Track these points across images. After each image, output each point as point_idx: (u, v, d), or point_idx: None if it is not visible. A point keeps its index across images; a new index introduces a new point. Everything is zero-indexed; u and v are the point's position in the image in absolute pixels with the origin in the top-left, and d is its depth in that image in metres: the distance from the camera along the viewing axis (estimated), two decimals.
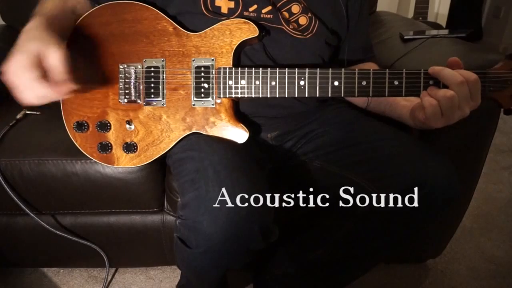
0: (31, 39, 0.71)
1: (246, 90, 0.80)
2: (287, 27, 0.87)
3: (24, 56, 0.68)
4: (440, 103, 0.72)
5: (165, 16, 0.85)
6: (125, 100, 0.85)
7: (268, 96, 0.80)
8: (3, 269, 1.24)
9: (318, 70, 0.78)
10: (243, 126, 0.82)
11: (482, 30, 3.34)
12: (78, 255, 1.13)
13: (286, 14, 0.87)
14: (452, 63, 0.75)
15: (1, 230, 1.06)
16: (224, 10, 0.86)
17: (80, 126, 0.86)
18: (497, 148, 1.98)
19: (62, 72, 0.70)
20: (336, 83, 0.78)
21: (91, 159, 0.93)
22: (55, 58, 0.69)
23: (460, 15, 3.03)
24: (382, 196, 0.78)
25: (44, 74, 0.69)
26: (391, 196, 0.77)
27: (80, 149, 0.88)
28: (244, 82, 0.80)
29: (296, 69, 0.78)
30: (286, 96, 0.79)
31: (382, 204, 0.78)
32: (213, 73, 0.82)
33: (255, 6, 0.86)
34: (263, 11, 0.86)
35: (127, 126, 0.85)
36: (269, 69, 0.79)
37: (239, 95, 0.81)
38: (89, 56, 0.85)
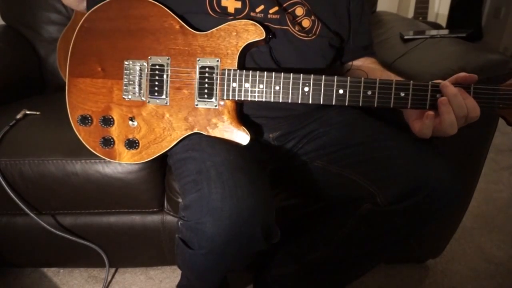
0: None
1: (249, 93, 0.80)
2: (292, 28, 0.87)
3: None
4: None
5: (172, 14, 0.84)
6: (129, 97, 0.85)
7: (272, 100, 0.79)
8: (3, 269, 1.24)
9: (323, 77, 0.77)
10: (245, 129, 0.82)
11: (482, 30, 3.34)
12: (78, 255, 1.13)
13: (290, 17, 0.87)
14: (463, 79, 0.73)
15: (1, 230, 1.06)
16: (231, 10, 0.85)
17: (84, 120, 0.86)
18: (497, 148, 1.98)
19: None
20: (341, 91, 0.77)
21: (91, 159, 0.94)
22: None
23: (460, 15, 3.03)
24: (383, 196, 0.78)
25: None
26: (392, 196, 0.77)
27: (84, 142, 0.87)
28: (248, 85, 0.80)
29: (301, 74, 0.77)
30: (290, 101, 0.79)
31: (383, 205, 0.78)
32: (218, 74, 0.82)
33: (262, 7, 0.85)
34: (270, 11, 0.85)
35: (130, 122, 0.85)
36: (273, 73, 0.78)
37: (242, 98, 0.80)
38: (95, 51, 0.85)
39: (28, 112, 1.09)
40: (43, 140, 1.00)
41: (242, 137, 0.82)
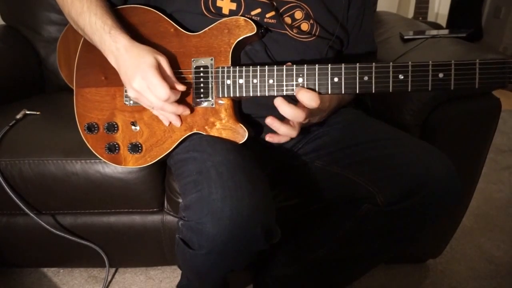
0: (141, 55, 0.77)
1: (244, 89, 0.79)
2: (290, 32, 0.87)
3: (152, 70, 0.75)
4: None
5: (166, 18, 0.86)
6: (131, 102, 0.86)
7: (266, 94, 0.78)
8: (3, 269, 1.24)
9: (316, 66, 0.75)
10: (243, 126, 0.82)
11: (482, 30, 3.34)
12: (78, 255, 1.13)
13: (289, 20, 0.87)
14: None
15: (1, 230, 1.06)
16: (225, 11, 0.86)
17: (91, 128, 0.88)
18: (497, 148, 1.98)
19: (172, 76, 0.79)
20: (336, 79, 0.75)
21: (91, 159, 0.94)
22: (168, 65, 0.78)
23: (460, 15, 3.02)
24: (383, 196, 0.78)
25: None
26: (392, 196, 0.77)
27: (92, 150, 0.89)
28: (242, 81, 0.79)
29: (294, 66, 0.76)
30: (284, 94, 0.77)
31: (383, 205, 0.78)
32: (212, 72, 0.82)
33: (258, 10, 0.85)
34: (267, 15, 0.85)
35: (133, 127, 0.86)
36: (266, 67, 0.77)
37: (237, 94, 0.80)
38: (98, 61, 0.86)
39: (28, 112, 1.09)
40: (43, 140, 1.00)
41: (240, 134, 0.82)
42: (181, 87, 0.79)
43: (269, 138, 0.79)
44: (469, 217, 1.48)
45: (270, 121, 0.76)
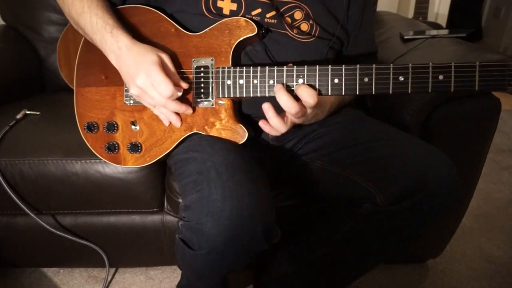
0: (143, 53, 0.77)
1: (244, 90, 0.79)
2: (291, 32, 0.87)
3: (156, 67, 0.75)
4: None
5: (167, 18, 0.86)
6: (131, 102, 0.86)
7: (266, 95, 0.78)
8: (3, 269, 1.24)
9: (317, 67, 0.75)
10: (242, 126, 0.82)
11: (482, 30, 3.34)
12: (78, 255, 1.13)
13: (289, 20, 0.87)
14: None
15: (1, 230, 1.06)
16: (226, 11, 0.86)
17: (90, 127, 0.88)
18: (497, 148, 1.98)
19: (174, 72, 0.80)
20: (336, 80, 0.74)
21: (91, 159, 0.94)
22: (170, 62, 0.79)
23: (460, 15, 3.03)
24: (383, 196, 0.78)
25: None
26: (392, 196, 0.77)
27: (91, 149, 0.89)
28: (242, 81, 0.79)
29: (295, 66, 0.76)
30: None
31: (383, 205, 0.78)
32: (212, 73, 0.82)
33: (258, 10, 0.85)
34: (267, 15, 0.85)
35: (133, 127, 0.86)
36: (267, 67, 0.77)
37: (238, 95, 0.80)
38: (99, 60, 0.86)
39: (28, 112, 1.09)
40: (43, 140, 1.00)
41: (240, 134, 0.82)
42: (184, 85, 0.79)
43: (261, 123, 0.78)
44: (469, 217, 1.48)
45: (266, 107, 0.74)
